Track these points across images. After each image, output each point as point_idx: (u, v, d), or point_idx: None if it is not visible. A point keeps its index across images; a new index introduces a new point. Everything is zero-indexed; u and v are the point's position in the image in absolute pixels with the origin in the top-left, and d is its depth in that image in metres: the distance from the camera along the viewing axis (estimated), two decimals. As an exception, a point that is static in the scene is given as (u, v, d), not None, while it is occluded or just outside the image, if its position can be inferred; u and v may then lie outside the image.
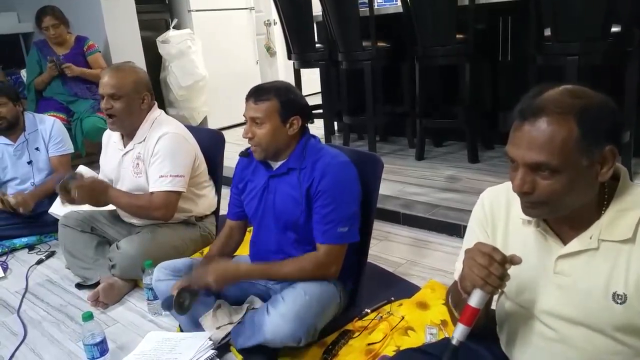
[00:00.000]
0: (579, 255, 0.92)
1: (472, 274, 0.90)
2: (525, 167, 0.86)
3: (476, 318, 0.92)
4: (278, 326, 1.42)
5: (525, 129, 0.85)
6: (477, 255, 0.90)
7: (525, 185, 0.87)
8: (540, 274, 0.97)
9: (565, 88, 0.87)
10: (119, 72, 1.99)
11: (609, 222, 0.89)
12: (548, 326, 0.98)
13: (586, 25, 2.36)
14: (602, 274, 0.89)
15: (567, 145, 0.83)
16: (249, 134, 1.53)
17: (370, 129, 3.41)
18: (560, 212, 0.91)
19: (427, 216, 2.48)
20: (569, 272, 0.93)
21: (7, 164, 2.73)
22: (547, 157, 0.83)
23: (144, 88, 2.03)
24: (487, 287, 0.89)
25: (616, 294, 0.88)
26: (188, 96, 4.56)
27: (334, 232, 1.51)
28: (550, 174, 0.85)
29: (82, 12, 3.75)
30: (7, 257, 2.52)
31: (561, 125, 0.83)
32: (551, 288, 0.96)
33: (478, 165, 3.09)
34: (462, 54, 2.98)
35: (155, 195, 1.96)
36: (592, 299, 0.91)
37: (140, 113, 2.02)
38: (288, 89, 1.57)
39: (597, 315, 0.91)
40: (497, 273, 0.88)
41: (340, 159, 1.56)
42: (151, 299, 1.87)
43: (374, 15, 3.19)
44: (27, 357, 1.73)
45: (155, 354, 1.58)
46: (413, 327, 1.60)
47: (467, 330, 0.93)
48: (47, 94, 3.50)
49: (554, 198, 0.87)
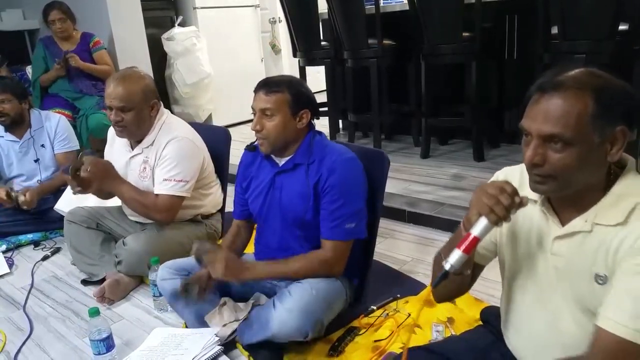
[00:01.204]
0: (573, 237, 0.94)
1: (480, 202, 0.91)
2: (539, 138, 0.88)
3: (474, 248, 0.93)
4: (285, 320, 1.41)
5: (543, 102, 0.88)
6: (489, 187, 0.92)
7: (537, 157, 0.89)
8: (539, 254, 1.00)
9: (586, 68, 0.90)
10: (125, 83, 1.91)
11: (606, 206, 0.91)
12: (543, 307, 1.00)
13: (594, 23, 2.35)
14: (589, 256, 0.92)
15: (581, 119, 0.85)
16: (257, 125, 1.51)
17: (376, 127, 3.40)
18: (567, 189, 0.92)
19: (432, 214, 2.48)
20: (564, 253, 0.95)
21: (13, 160, 2.74)
22: (562, 129, 0.85)
23: (152, 95, 1.98)
24: (492, 216, 0.90)
25: (598, 275, 0.90)
26: (193, 94, 4.56)
27: (342, 229, 1.50)
28: (562, 147, 0.86)
29: (88, 9, 3.75)
30: (12, 253, 2.52)
31: (578, 100, 0.85)
32: (548, 269, 0.99)
33: (484, 163, 3.08)
34: (468, 53, 2.97)
35: (161, 198, 1.95)
36: (581, 280, 0.93)
37: (149, 120, 1.99)
38: (299, 82, 1.56)
39: (586, 296, 0.93)
40: (505, 202, 0.89)
41: (347, 155, 1.56)
42: (157, 295, 1.87)
43: (380, 13, 3.18)
44: (33, 353, 1.74)
45: (161, 350, 1.58)
46: (420, 325, 1.59)
47: (463, 257, 0.93)
48: (53, 90, 3.51)
49: (564, 172, 0.88)
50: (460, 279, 1.08)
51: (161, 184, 1.95)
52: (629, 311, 0.84)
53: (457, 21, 2.90)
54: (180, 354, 1.53)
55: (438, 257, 1.09)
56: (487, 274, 1.19)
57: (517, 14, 3.10)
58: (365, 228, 1.55)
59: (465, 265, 1.02)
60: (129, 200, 2.00)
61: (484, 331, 1.23)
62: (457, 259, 0.93)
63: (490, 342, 1.15)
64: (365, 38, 3.26)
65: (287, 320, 1.41)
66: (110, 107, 1.93)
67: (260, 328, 1.47)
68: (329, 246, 1.52)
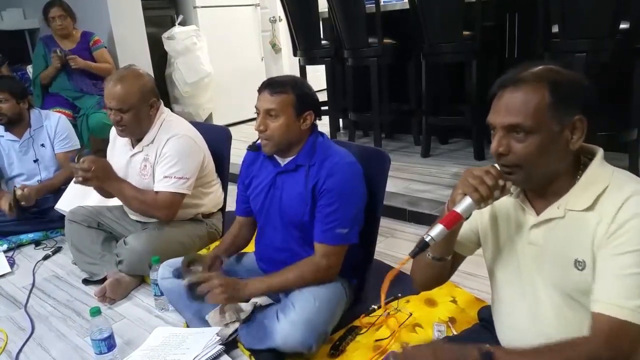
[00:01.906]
0: (547, 224, 0.99)
1: (465, 182, 0.97)
2: (502, 130, 0.95)
3: (456, 224, 0.98)
4: (288, 334, 1.41)
5: (504, 97, 0.95)
6: (475, 169, 0.98)
7: (501, 147, 0.95)
8: (517, 245, 1.05)
9: (544, 65, 0.97)
10: (123, 83, 1.91)
11: (577, 193, 0.96)
12: (524, 297, 1.04)
13: (594, 22, 2.34)
14: (566, 242, 0.96)
15: (539, 109, 0.92)
16: (261, 126, 1.50)
17: (376, 126, 3.40)
18: (534, 179, 0.98)
19: (433, 213, 2.48)
20: (539, 242, 1.00)
21: (14, 159, 2.74)
22: (522, 119, 0.92)
23: (150, 94, 1.97)
24: (476, 194, 0.95)
25: (577, 260, 0.95)
26: (193, 93, 4.56)
27: (333, 233, 1.49)
28: (524, 136, 0.93)
29: (88, 7, 3.75)
30: (13, 253, 2.52)
31: (535, 92, 0.93)
32: (525, 258, 1.03)
33: (484, 162, 3.08)
34: (469, 51, 2.97)
35: (161, 195, 1.95)
36: (558, 266, 0.97)
37: (149, 119, 1.99)
38: (303, 83, 1.56)
39: (563, 282, 0.97)
40: (489, 183, 0.95)
41: (348, 159, 1.55)
42: (158, 294, 1.87)
43: (381, 12, 3.17)
44: (34, 352, 1.74)
45: (163, 349, 1.58)
46: (421, 324, 1.60)
47: (443, 231, 0.97)
48: (53, 89, 3.50)
49: (528, 160, 0.94)
50: (440, 266, 1.13)
51: (161, 181, 1.95)
52: (621, 292, 0.88)
53: (457, 20, 2.90)
54: (182, 354, 1.53)
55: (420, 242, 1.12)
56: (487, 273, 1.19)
57: (518, 13, 3.09)
58: (357, 235, 1.54)
59: (445, 247, 1.08)
60: (129, 198, 1.99)
61: (483, 330, 1.24)
62: (437, 232, 0.96)
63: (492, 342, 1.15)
64: (366, 37, 3.25)
65: (291, 333, 1.41)
66: (109, 108, 1.93)
67: (264, 337, 1.47)
68: (320, 250, 1.51)
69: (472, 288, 1.80)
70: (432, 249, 1.05)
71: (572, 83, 0.94)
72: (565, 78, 0.94)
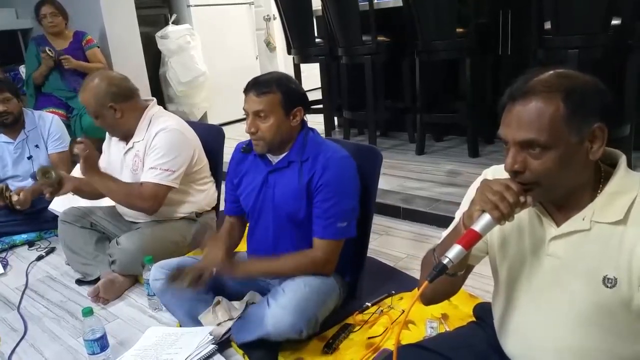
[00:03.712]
0: (570, 236, 0.92)
1: (484, 198, 0.89)
2: (516, 145, 0.88)
3: (474, 243, 0.90)
4: (279, 318, 1.41)
5: (515, 110, 0.88)
6: (494, 184, 0.90)
7: (517, 164, 0.88)
8: (533, 256, 0.98)
9: (554, 71, 0.89)
10: (82, 92, 1.99)
11: (602, 204, 0.89)
12: (538, 310, 0.98)
13: (587, 18, 2.34)
14: (593, 257, 0.89)
15: (554, 121, 0.84)
16: (252, 128, 1.50)
17: (371, 124, 3.40)
18: (554, 194, 0.91)
19: (427, 210, 2.48)
20: (561, 254, 0.93)
21: (8, 162, 2.72)
22: (536, 134, 0.85)
23: (105, 99, 1.96)
24: (496, 212, 0.87)
25: (607, 277, 0.88)
26: (188, 92, 4.55)
27: (334, 227, 1.50)
28: (540, 152, 0.86)
29: (81, 6, 3.73)
30: (7, 254, 2.51)
31: (548, 103, 0.85)
32: (543, 270, 0.96)
33: (479, 159, 3.09)
34: (463, 48, 2.97)
35: (145, 186, 1.94)
36: (582, 281, 0.91)
37: (120, 121, 2.00)
38: (288, 79, 1.55)
39: (587, 298, 0.91)
40: (511, 200, 0.87)
41: (341, 153, 1.55)
42: (151, 294, 1.87)
43: (374, 10, 3.17)
44: (27, 353, 1.73)
45: (155, 349, 1.58)
46: (414, 321, 1.60)
47: (462, 252, 0.89)
48: (46, 89, 3.49)
49: (547, 177, 0.87)
50: (450, 282, 1.05)
51: (147, 172, 1.95)
52: None
53: (451, 17, 2.90)
54: (175, 353, 1.53)
55: (428, 256, 1.08)
56: (482, 269, 1.18)
57: (511, 9, 3.09)
58: (355, 227, 1.55)
59: (461, 263, 0.99)
60: (114, 192, 1.99)
61: (478, 329, 1.22)
62: (456, 254, 0.89)
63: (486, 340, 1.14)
64: (360, 35, 3.25)
65: (281, 317, 1.41)
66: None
67: (254, 326, 1.47)
68: (320, 245, 1.52)
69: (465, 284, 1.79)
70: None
71: (586, 89, 0.86)
72: (578, 84, 0.86)
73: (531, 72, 0.90)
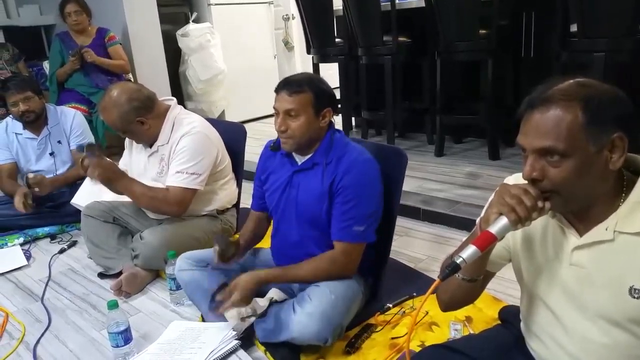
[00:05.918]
0: (594, 246, 0.91)
1: (501, 201, 0.89)
2: (534, 153, 0.88)
3: (489, 245, 0.90)
4: (305, 325, 1.42)
5: (533, 118, 0.88)
6: (512, 187, 0.90)
7: (535, 172, 0.88)
8: (556, 265, 0.97)
9: (573, 80, 0.89)
10: (104, 113, 2.00)
11: (626, 213, 0.88)
12: (565, 318, 0.97)
13: (613, 21, 2.32)
14: (618, 267, 0.89)
15: (573, 129, 0.84)
16: (282, 126, 1.51)
17: (389, 125, 3.39)
18: (574, 203, 0.91)
19: (447, 212, 2.47)
20: (585, 264, 0.93)
21: (32, 157, 2.76)
22: (554, 142, 0.85)
23: (132, 114, 1.96)
24: (513, 215, 0.87)
25: (633, 288, 0.87)
26: (207, 90, 4.58)
27: (350, 230, 1.49)
28: (559, 160, 0.86)
29: (104, 4, 3.78)
30: (30, 246, 2.55)
31: (567, 111, 0.85)
32: (567, 280, 0.96)
33: (499, 162, 3.06)
34: (484, 50, 2.95)
35: (172, 190, 1.96)
36: (608, 291, 0.90)
37: (147, 131, 2.02)
38: (319, 80, 1.56)
39: (613, 308, 0.90)
40: (528, 203, 0.87)
41: (365, 155, 1.55)
42: (173, 289, 1.89)
43: (396, 10, 3.16)
44: (51, 344, 1.75)
45: (179, 344, 1.59)
46: (437, 323, 1.59)
47: (476, 253, 0.89)
48: (69, 85, 3.54)
49: (565, 185, 0.87)
50: (469, 288, 1.06)
51: (173, 176, 1.96)
52: None
53: (473, 18, 2.88)
54: (199, 347, 1.54)
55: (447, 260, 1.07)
56: (505, 273, 1.17)
57: (534, 11, 3.06)
58: (374, 233, 1.54)
59: (477, 267, 1.01)
60: (140, 196, 1.99)
61: (505, 331, 1.22)
62: (470, 254, 0.89)
63: (513, 342, 1.13)
64: (380, 35, 3.24)
65: (306, 324, 1.42)
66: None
67: (279, 330, 1.48)
68: (338, 247, 1.52)
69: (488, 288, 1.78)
70: (464, 270, 0.97)
71: (606, 98, 0.86)
72: (598, 93, 0.86)
73: (550, 81, 0.91)
